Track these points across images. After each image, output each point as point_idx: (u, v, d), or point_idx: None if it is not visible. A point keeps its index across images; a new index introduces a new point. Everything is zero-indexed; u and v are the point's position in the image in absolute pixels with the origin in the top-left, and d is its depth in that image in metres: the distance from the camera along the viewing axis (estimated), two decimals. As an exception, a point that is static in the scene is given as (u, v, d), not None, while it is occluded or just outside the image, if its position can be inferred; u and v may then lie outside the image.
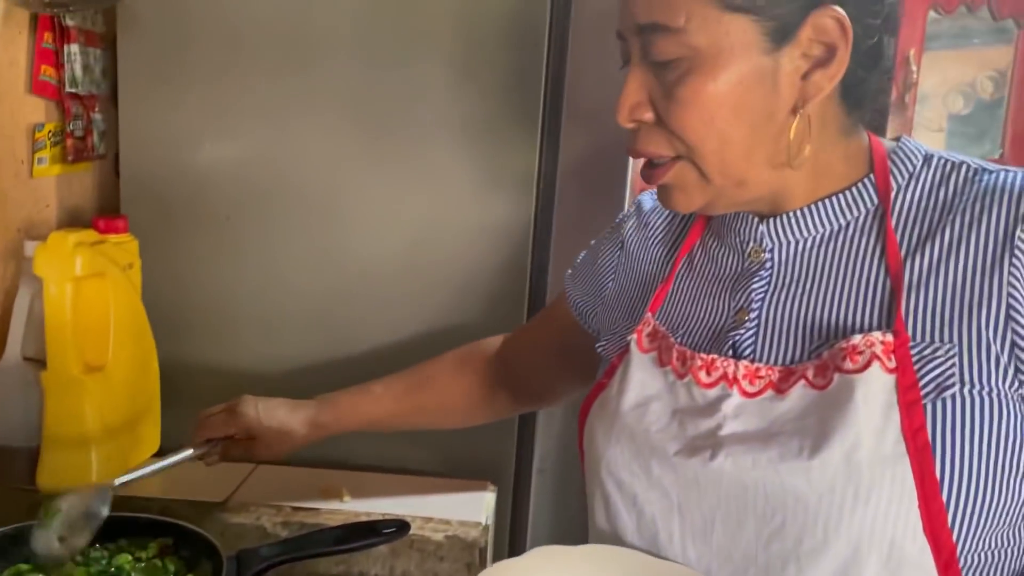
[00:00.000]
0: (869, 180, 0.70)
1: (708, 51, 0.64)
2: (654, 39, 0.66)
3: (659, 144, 0.69)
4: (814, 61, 0.66)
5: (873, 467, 0.62)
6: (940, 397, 0.63)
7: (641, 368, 0.75)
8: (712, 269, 0.77)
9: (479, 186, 1.14)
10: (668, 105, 0.67)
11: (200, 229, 1.18)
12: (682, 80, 0.65)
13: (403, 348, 1.17)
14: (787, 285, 0.72)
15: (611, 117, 1.13)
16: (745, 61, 0.65)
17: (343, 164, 1.15)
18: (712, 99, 0.65)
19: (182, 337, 1.19)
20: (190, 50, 1.14)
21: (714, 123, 0.66)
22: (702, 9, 0.64)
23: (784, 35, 0.65)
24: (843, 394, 0.64)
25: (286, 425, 0.97)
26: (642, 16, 0.66)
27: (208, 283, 1.19)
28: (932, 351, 0.64)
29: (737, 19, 0.64)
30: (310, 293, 1.18)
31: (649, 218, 0.86)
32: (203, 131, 1.16)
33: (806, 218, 0.71)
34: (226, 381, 1.19)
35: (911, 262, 0.67)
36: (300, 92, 1.14)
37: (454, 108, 1.12)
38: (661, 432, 0.71)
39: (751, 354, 0.71)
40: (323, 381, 1.17)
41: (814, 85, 0.66)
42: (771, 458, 0.65)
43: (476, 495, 1.08)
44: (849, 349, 0.65)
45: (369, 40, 1.12)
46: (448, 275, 1.16)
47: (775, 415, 0.67)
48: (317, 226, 1.17)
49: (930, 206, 0.68)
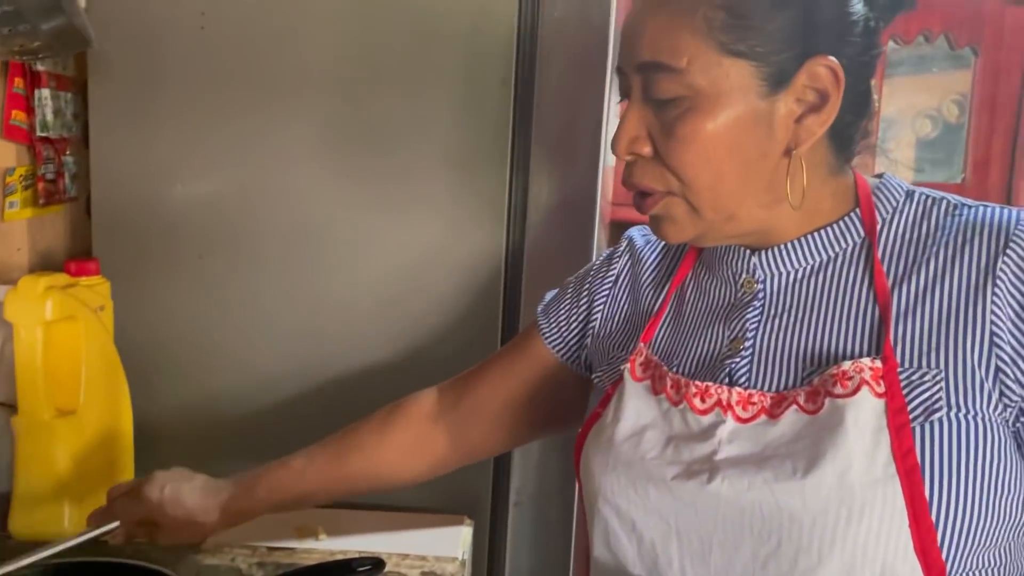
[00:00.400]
0: (855, 214, 0.74)
1: (708, 92, 0.67)
2: (656, 78, 0.69)
3: (653, 178, 0.72)
4: (807, 106, 0.69)
5: (865, 488, 0.64)
6: (928, 420, 0.65)
7: (635, 397, 0.77)
8: (704, 300, 0.80)
9: (451, 219, 1.15)
10: (667, 142, 0.70)
11: (173, 269, 1.18)
12: (681, 118, 0.68)
13: (381, 382, 1.17)
14: (779, 314, 0.74)
15: (578, 150, 1.16)
16: (742, 104, 0.68)
17: (316, 200, 1.16)
18: (709, 138, 0.68)
19: (156, 379, 1.19)
20: (161, 91, 1.15)
21: (710, 161, 0.69)
22: (704, 53, 0.67)
23: (780, 81, 0.68)
24: (834, 418, 0.66)
25: (193, 514, 0.91)
26: (646, 55, 0.69)
27: (182, 324, 1.19)
28: (920, 376, 0.67)
29: (737, 64, 0.67)
30: (286, 331, 1.18)
31: (642, 253, 0.88)
32: (175, 170, 1.16)
33: (797, 250, 0.75)
34: (202, 423, 1.19)
35: (898, 291, 0.70)
36: (272, 130, 1.15)
37: (425, 143, 1.14)
38: (657, 459, 0.73)
39: (745, 381, 0.73)
40: (302, 421, 1.18)
41: (806, 129, 0.70)
42: (766, 479, 0.67)
43: (452, 529, 1.08)
44: (839, 375, 0.67)
45: (341, 77, 1.13)
46: (423, 308, 1.17)
47: (768, 439, 0.69)
48: (292, 263, 1.17)
49: (914, 238, 0.72)
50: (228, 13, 1.13)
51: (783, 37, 0.67)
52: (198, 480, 0.95)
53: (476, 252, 1.16)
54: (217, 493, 0.94)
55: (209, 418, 1.19)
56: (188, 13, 1.13)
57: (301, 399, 1.19)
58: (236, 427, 1.19)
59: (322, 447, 0.97)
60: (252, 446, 1.18)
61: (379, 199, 1.16)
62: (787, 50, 0.67)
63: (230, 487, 0.94)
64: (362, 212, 1.16)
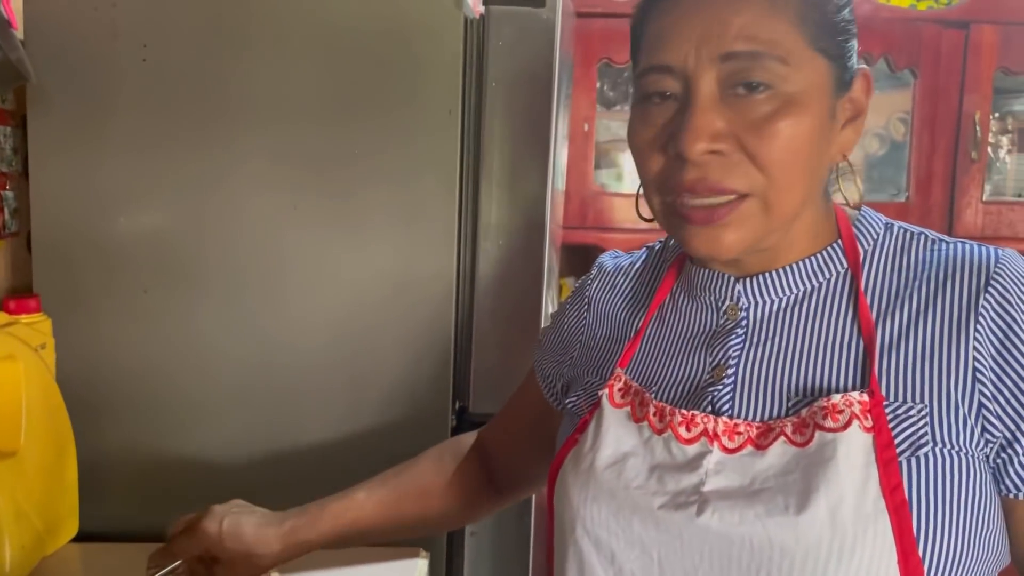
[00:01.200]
0: (838, 244, 0.74)
1: (800, 87, 0.66)
2: (749, 68, 0.66)
3: (737, 177, 0.67)
4: (847, 116, 0.71)
5: (856, 524, 0.63)
6: (915, 455, 0.65)
7: (615, 424, 0.75)
8: (683, 325, 0.78)
9: (402, 247, 1.15)
10: (757, 136, 0.66)
11: (117, 304, 1.16)
12: (777, 112, 0.66)
13: (334, 414, 1.16)
14: (763, 343, 0.73)
15: (527, 175, 1.17)
16: (823, 103, 0.68)
17: (263, 231, 1.15)
18: (800, 134, 0.67)
19: (101, 418, 1.16)
20: (103, 123, 1.13)
21: (797, 158, 0.67)
22: (798, 45, 0.66)
23: (843, 85, 0.70)
24: (825, 452, 0.65)
25: (252, 547, 0.88)
26: (738, 44, 0.65)
27: (128, 360, 1.16)
28: (905, 411, 0.66)
29: (820, 61, 0.67)
30: (235, 366, 1.16)
31: (615, 279, 0.86)
32: (118, 203, 1.14)
33: (781, 279, 0.74)
34: (150, 462, 1.16)
35: (882, 325, 0.70)
36: (218, 161, 1.14)
37: (374, 171, 1.13)
38: (641, 488, 0.71)
39: (728, 410, 0.71)
40: (254, 458, 1.16)
41: (847, 138, 0.71)
42: (758, 513, 0.65)
43: (408, 563, 1.06)
44: (830, 408, 0.66)
45: (287, 108, 1.13)
46: (375, 338, 1.16)
47: (756, 471, 0.68)
48: (240, 295, 1.16)
49: (896, 272, 0.72)
50: (171, 45, 1.12)
51: (848, 40, 0.69)
52: (257, 512, 0.91)
53: (427, 279, 1.15)
54: (279, 524, 0.90)
55: (158, 457, 1.16)
56: (130, 46, 1.12)
57: (252, 435, 1.16)
58: (186, 466, 1.16)
59: (381, 482, 0.95)
60: (203, 485, 1.16)
61: (328, 229, 1.15)
62: (852, 53, 0.69)
63: (292, 518, 0.91)
64: (311, 242, 1.15)
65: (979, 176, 1.81)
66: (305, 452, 1.17)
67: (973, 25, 1.78)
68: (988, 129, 1.81)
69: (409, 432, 1.16)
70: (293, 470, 1.16)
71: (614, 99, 2.05)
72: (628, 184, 1.98)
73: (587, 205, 1.77)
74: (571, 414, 0.83)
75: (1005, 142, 2.09)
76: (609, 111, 2.04)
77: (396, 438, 1.16)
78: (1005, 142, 2.09)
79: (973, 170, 1.81)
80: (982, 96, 1.79)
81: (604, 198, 1.80)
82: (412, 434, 1.16)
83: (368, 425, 1.17)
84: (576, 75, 1.74)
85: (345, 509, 0.92)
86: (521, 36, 1.13)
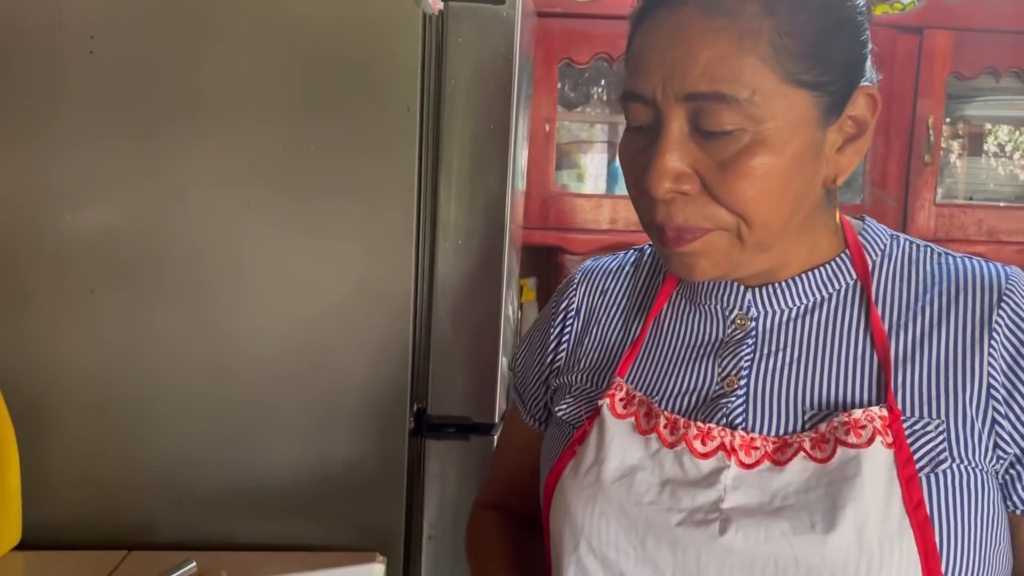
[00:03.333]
0: (846, 255, 0.73)
1: (770, 124, 0.64)
2: (711, 108, 0.63)
3: (701, 215, 0.66)
4: (847, 136, 0.68)
5: (882, 542, 0.62)
6: (934, 472, 0.65)
7: (620, 435, 0.72)
8: (687, 334, 0.76)
9: (359, 246, 1.13)
10: (723, 177, 0.65)
11: (63, 306, 1.12)
12: (744, 152, 0.64)
13: (292, 419, 1.14)
14: (773, 353, 0.72)
15: (487, 175, 1.16)
16: (804, 136, 0.65)
17: (216, 230, 1.12)
18: (773, 173, 0.64)
19: (46, 427, 1.12)
20: (48, 118, 1.09)
21: (770, 196, 0.65)
22: (768, 82, 0.63)
23: (834, 111, 0.66)
24: (849, 469, 0.64)
25: None
26: (701, 85, 0.63)
27: (72, 363, 1.12)
28: (923, 426, 0.66)
29: (799, 94, 0.64)
30: (186, 369, 1.13)
31: (604, 283, 0.83)
32: (64, 200, 1.11)
33: (792, 288, 0.73)
34: (94, 468, 1.13)
35: (895, 337, 0.69)
36: (170, 157, 1.10)
37: (331, 170, 1.11)
38: (654, 504, 0.68)
39: (743, 423, 0.70)
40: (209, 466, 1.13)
41: (847, 159, 0.68)
42: (784, 531, 0.64)
43: (363, 568, 1.04)
44: (851, 423, 0.66)
45: (241, 103, 1.10)
46: (332, 338, 1.14)
47: (775, 487, 0.66)
48: (192, 297, 1.13)
49: (905, 283, 0.71)
50: (119, 37, 1.09)
51: (841, 64, 0.65)
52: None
53: (385, 279, 1.13)
54: None
55: (103, 464, 1.12)
56: (75, 37, 1.08)
57: (203, 441, 1.13)
58: (132, 473, 1.13)
59: None
60: (150, 492, 1.12)
61: (283, 228, 1.12)
62: (843, 78, 0.66)
63: None
64: (265, 241, 1.12)
65: (932, 179, 1.84)
66: (259, 457, 1.14)
67: (927, 31, 1.80)
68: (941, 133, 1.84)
69: (366, 435, 1.14)
70: (246, 475, 1.13)
71: (575, 100, 2.04)
72: (589, 185, 1.98)
73: (548, 206, 1.76)
74: (562, 424, 0.79)
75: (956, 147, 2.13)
76: (570, 112, 2.03)
77: (353, 441, 1.14)
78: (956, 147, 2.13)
79: (926, 173, 1.84)
80: (935, 101, 1.82)
81: (565, 198, 1.79)
82: (369, 437, 1.14)
83: (324, 429, 1.14)
84: (537, 75, 1.73)
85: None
86: (481, 33, 1.12)
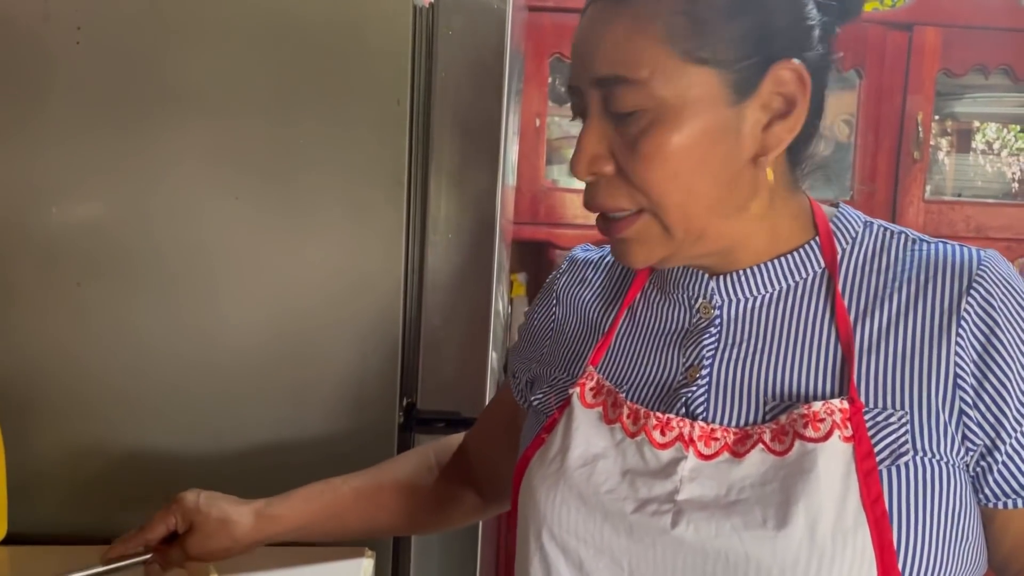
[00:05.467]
0: (815, 242, 0.71)
1: (672, 104, 0.64)
2: (615, 91, 0.65)
3: (620, 197, 0.68)
4: (775, 113, 0.67)
5: (835, 538, 0.61)
6: (895, 464, 0.63)
7: (586, 424, 0.73)
8: (656, 323, 0.76)
9: (348, 240, 1.12)
10: (631, 158, 0.66)
11: (48, 298, 1.11)
12: (645, 133, 0.65)
13: (278, 414, 1.13)
14: (737, 343, 0.71)
15: (477, 169, 1.15)
16: (709, 114, 0.64)
17: (204, 223, 1.11)
18: (677, 152, 0.64)
19: (31, 418, 1.10)
20: (34, 109, 1.08)
21: (679, 176, 0.65)
22: (666, 62, 0.63)
23: (747, 88, 0.65)
24: (806, 463, 0.63)
25: (227, 514, 0.88)
26: (603, 69, 0.65)
27: (59, 357, 1.11)
28: (885, 418, 0.65)
29: (701, 72, 0.64)
30: (173, 362, 1.12)
31: (585, 272, 0.84)
32: (50, 192, 1.09)
33: (756, 276, 0.72)
34: (80, 462, 1.12)
35: (860, 327, 0.68)
36: (157, 149, 1.09)
37: (319, 162, 1.10)
38: (612, 493, 0.69)
39: (703, 413, 0.69)
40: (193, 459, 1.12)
41: (774, 137, 0.67)
42: (735, 526, 0.64)
43: (352, 563, 1.04)
44: (811, 416, 0.64)
45: (229, 95, 1.09)
46: (320, 333, 1.13)
47: (733, 480, 0.66)
48: (179, 290, 1.12)
49: (874, 272, 0.70)
50: (106, 28, 1.07)
51: (747, 42, 0.64)
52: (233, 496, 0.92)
53: (374, 273, 1.13)
54: (252, 501, 0.92)
55: (89, 457, 1.11)
56: (62, 28, 1.07)
57: (191, 434, 1.13)
58: (119, 466, 1.12)
59: (361, 472, 0.96)
60: (136, 485, 1.12)
61: (272, 221, 1.11)
62: (751, 56, 0.65)
63: (266, 498, 0.92)
64: (254, 235, 1.11)
65: (921, 176, 1.85)
66: (247, 451, 1.13)
67: (916, 27, 1.81)
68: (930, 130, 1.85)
69: (355, 430, 1.13)
70: (234, 469, 1.13)
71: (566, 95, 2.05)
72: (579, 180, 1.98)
73: (538, 200, 1.76)
74: (537, 412, 0.80)
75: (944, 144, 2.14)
76: (561, 107, 2.03)
77: (342, 436, 1.13)
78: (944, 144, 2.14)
79: (915, 170, 1.85)
80: (925, 97, 1.82)
81: (555, 194, 1.79)
82: (358, 432, 1.13)
83: (313, 423, 1.14)
84: (528, 70, 1.73)
85: (320, 491, 0.93)
86: (471, 26, 1.11)
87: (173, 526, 0.89)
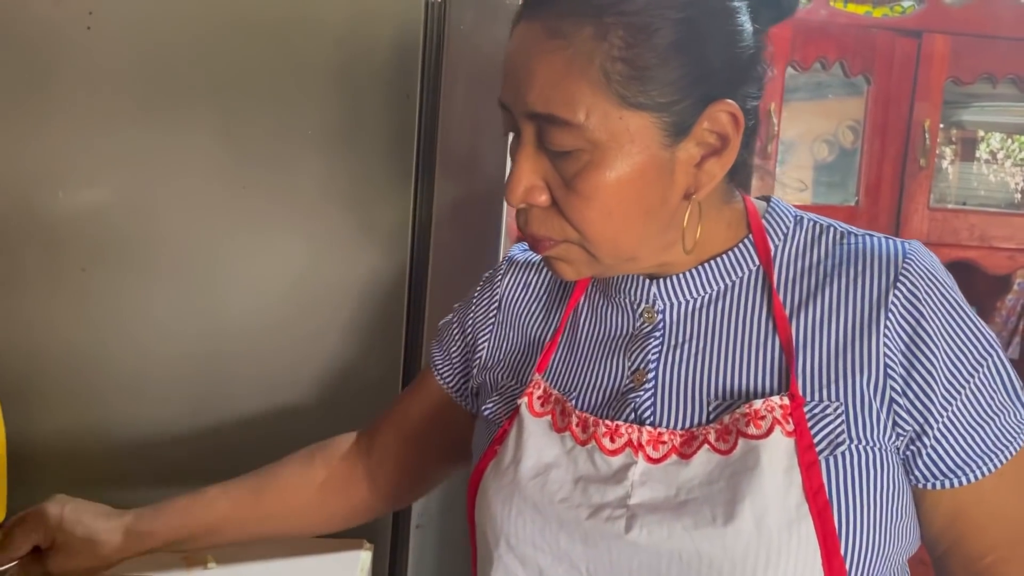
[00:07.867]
0: (749, 240, 0.73)
1: (608, 146, 0.64)
2: (551, 130, 0.65)
3: (550, 228, 0.69)
4: (708, 149, 0.68)
5: (781, 531, 0.63)
6: (833, 454, 0.66)
7: (536, 433, 0.74)
8: (600, 328, 0.77)
9: (354, 233, 1.12)
10: (567, 195, 0.67)
11: (54, 283, 1.11)
12: (582, 174, 0.65)
13: (279, 401, 1.13)
14: (680, 345, 0.73)
15: (484, 165, 1.15)
16: (644, 155, 0.65)
17: (211, 212, 1.11)
18: (612, 193, 0.65)
19: (34, 402, 1.11)
20: (43, 94, 1.08)
21: (612, 215, 0.66)
22: (602, 105, 0.64)
23: (682, 129, 0.66)
24: (749, 460, 0.65)
25: (93, 533, 0.85)
26: (538, 105, 0.65)
27: (64, 342, 1.11)
28: (822, 409, 0.67)
29: (637, 116, 0.64)
30: (177, 348, 1.12)
31: (527, 276, 0.85)
32: (57, 177, 1.09)
33: (694, 279, 0.73)
34: (85, 450, 1.12)
35: (796, 322, 0.70)
36: (164, 136, 1.09)
37: (327, 155, 1.11)
38: (566, 502, 0.70)
39: (651, 417, 0.71)
40: (196, 445, 1.12)
41: (707, 173, 0.68)
42: (686, 526, 0.65)
43: (350, 554, 1.04)
44: (752, 414, 0.66)
45: (238, 85, 1.09)
46: (324, 324, 1.13)
47: (681, 481, 0.67)
48: (184, 277, 1.12)
49: (806, 267, 0.72)
50: (118, 14, 1.07)
51: (684, 85, 0.64)
52: (103, 506, 0.90)
53: (380, 267, 1.13)
54: (121, 515, 0.89)
55: (91, 442, 1.12)
56: (74, 13, 1.07)
57: (193, 421, 1.13)
58: (123, 453, 1.12)
59: (240, 480, 0.93)
60: (138, 471, 1.12)
61: (278, 212, 1.12)
62: (688, 98, 0.65)
63: (135, 512, 0.90)
64: (260, 225, 1.12)
65: (926, 183, 1.85)
66: (247, 441, 1.13)
67: (925, 35, 1.81)
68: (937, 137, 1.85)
69: (358, 423, 1.13)
70: (234, 458, 1.13)
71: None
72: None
73: (543, 198, 1.76)
74: (487, 422, 0.80)
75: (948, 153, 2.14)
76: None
77: (344, 429, 1.13)
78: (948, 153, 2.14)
79: (921, 177, 1.85)
80: (932, 104, 1.82)
81: (560, 191, 1.79)
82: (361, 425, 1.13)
83: (313, 415, 1.14)
84: (536, 66, 1.73)
85: (192, 503, 0.90)
86: (483, 21, 1.11)
87: (36, 543, 0.86)
